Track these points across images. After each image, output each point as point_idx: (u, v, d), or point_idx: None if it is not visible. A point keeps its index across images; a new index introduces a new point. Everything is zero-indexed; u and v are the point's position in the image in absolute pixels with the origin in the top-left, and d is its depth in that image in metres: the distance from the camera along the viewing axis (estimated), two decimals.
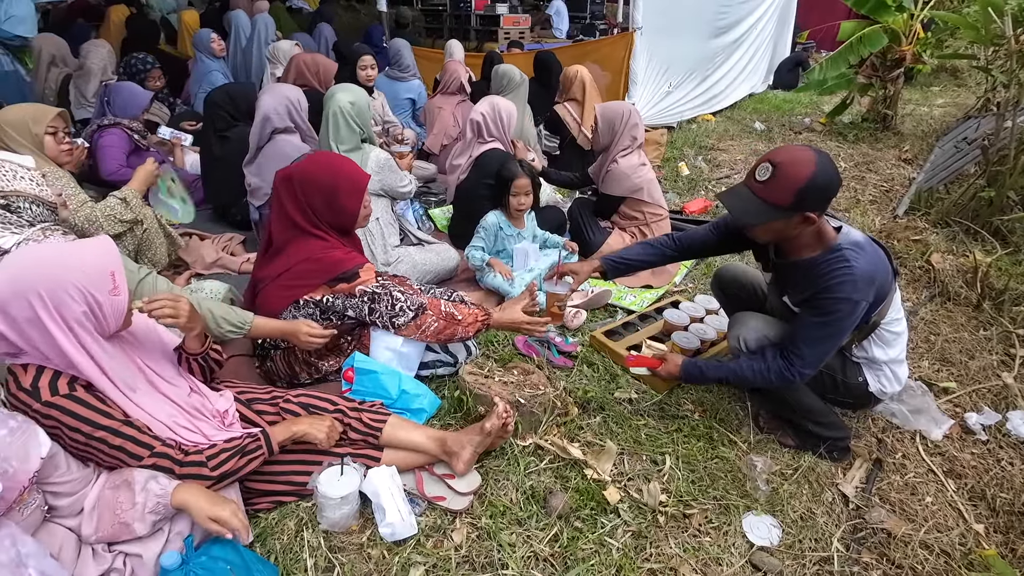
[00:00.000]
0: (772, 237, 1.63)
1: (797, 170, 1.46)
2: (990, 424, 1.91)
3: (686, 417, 1.95)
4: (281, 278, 1.81)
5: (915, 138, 5.44)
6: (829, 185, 1.49)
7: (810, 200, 1.48)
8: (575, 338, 2.42)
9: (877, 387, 1.74)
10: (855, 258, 1.51)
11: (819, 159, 1.47)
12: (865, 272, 1.51)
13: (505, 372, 1.97)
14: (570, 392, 2.02)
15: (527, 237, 2.73)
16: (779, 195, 1.49)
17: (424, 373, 2.01)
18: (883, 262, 1.58)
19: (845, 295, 1.51)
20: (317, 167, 1.84)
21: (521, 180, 2.54)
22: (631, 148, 2.98)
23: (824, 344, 1.59)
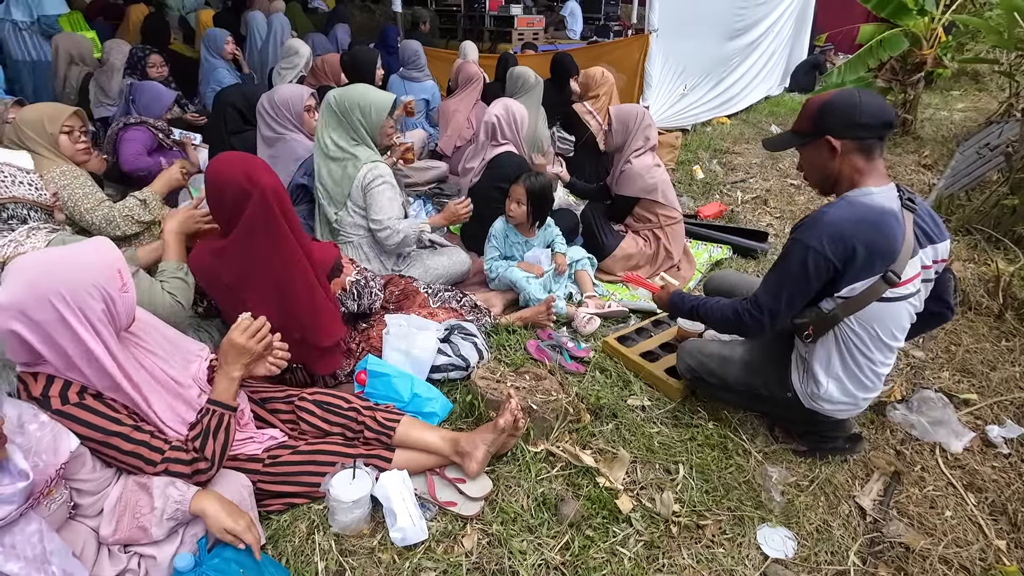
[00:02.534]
0: (813, 174, 1.62)
1: (815, 99, 1.54)
2: (1012, 437, 1.86)
3: (700, 426, 1.93)
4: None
5: (935, 143, 5.36)
6: (850, 107, 1.45)
7: (830, 123, 1.48)
8: (588, 343, 2.40)
9: (810, 404, 1.67)
10: (838, 207, 1.48)
11: (846, 89, 1.50)
12: (832, 222, 1.45)
13: (517, 377, 1.96)
14: (582, 398, 2.01)
15: (536, 244, 2.71)
16: (802, 122, 1.57)
17: (436, 376, 2.01)
18: (876, 234, 1.44)
19: (799, 236, 1.49)
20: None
21: (517, 187, 2.53)
22: (644, 149, 2.96)
23: (775, 287, 1.56)
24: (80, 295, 1.17)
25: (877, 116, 1.45)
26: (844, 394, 1.62)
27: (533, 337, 2.38)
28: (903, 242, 1.46)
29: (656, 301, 2.03)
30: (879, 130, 1.47)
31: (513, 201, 2.58)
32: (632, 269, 3.03)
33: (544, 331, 2.43)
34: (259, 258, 1.64)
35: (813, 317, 1.55)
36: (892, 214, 1.47)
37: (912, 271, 1.50)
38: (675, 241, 3.04)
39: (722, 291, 2.05)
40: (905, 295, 1.51)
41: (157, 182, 2.29)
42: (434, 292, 2.42)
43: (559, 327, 2.50)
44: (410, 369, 1.89)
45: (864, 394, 1.63)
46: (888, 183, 1.52)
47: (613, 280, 3.00)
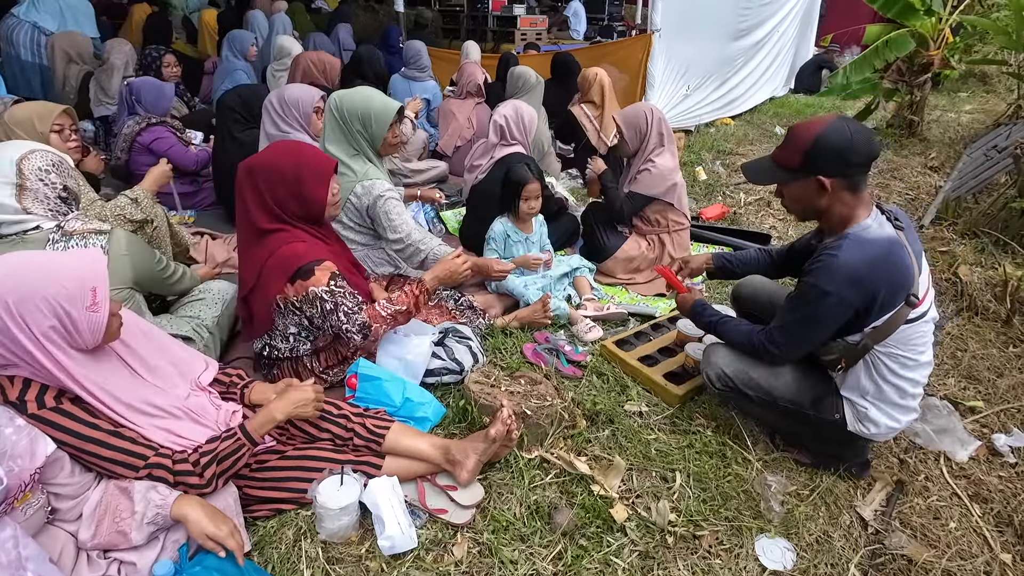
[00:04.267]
0: (797, 208, 1.58)
1: (806, 129, 1.47)
2: (1019, 446, 1.81)
3: (698, 432, 1.89)
4: (259, 281, 1.75)
5: (942, 145, 5.29)
6: (844, 146, 1.40)
7: (820, 162, 1.44)
8: (585, 347, 2.36)
9: (856, 427, 1.60)
10: (848, 248, 1.43)
11: (835, 121, 1.43)
12: (848, 265, 1.41)
13: (512, 381, 1.92)
14: (578, 403, 1.97)
15: (535, 242, 2.68)
16: (788, 156, 1.51)
17: (429, 381, 1.98)
18: (893, 270, 1.42)
19: (814, 281, 1.46)
20: (279, 155, 1.76)
21: (532, 184, 2.49)
22: (662, 146, 2.91)
23: (793, 328, 1.55)
24: (26, 306, 1.14)
25: (867, 153, 1.43)
26: (886, 416, 1.57)
27: (530, 340, 2.34)
28: (913, 266, 1.46)
29: (679, 302, 1.98)
30: (867, 166, 1.47)
31: (532, 198, 2.55)
32: (633, 272, 2.99)
33: (541, 334, 2.39)
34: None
35: (842, 350, 1.54)
36: (897, 243, 1.46)
37: (924, 286, 1.50)
38: (680, 247, 2.99)
39: (754, 299, 2.02)
40: (924, 312, 1.49)
41: (147, 180, 2.27)
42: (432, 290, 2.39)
43: (556, 330, 2.46)
44: (403, 373, 1.86)
45: (906, 416, 1.59)
46: (873, 209, 1.51)
47: (612, 283, 2.96)
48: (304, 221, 1.81)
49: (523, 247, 2.67)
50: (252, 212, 1.76)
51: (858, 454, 1.73)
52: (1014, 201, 3.26)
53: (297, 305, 1.75)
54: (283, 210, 1.76)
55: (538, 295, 2.47)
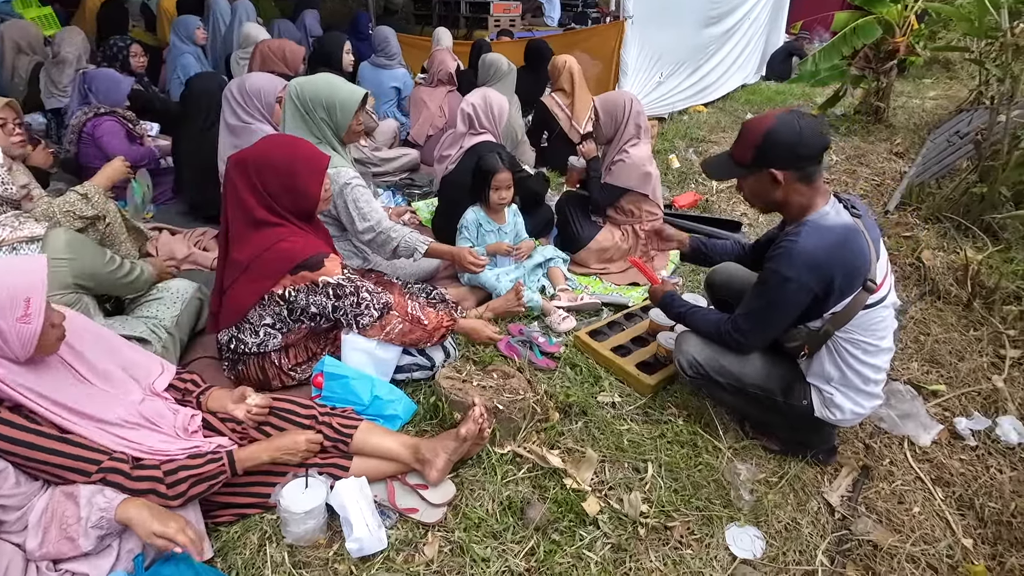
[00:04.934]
0: (756, 201, 1.63)
1: (756, 125, 1.51)
2: (979, 429, 1.86)
3: (670, 422, 1.90)
4: (246, 273, 1.72)
5: (907, 131, 5.40)
6: (792, 140, 1.45)
7: (771, 156, 1.48)
8: (559, 338, 2.35)
9: (823, 413, 1.63)
10: (807, 235, 1.47)
11: (784, 115, 1.48)
12: (806, 251, 1.44)
13: (484, 376, 1.90)
14: (551, 396, 1.96)
15: (508, 232, 2.65)
16: (741, 151, 1.55)
17: (400, 377, 1.94)
18: (850, 255, 1.46)
19: (775, 267, 1.49)
20: (273, 149, 1.73)
21: (502, 174, 2.45)
22: (638, 138, 2.89)
23: (756, 314, 1.58)
24: None
25: (817, 145, 1.47)
26: (851, 402, 1.60)
27: (504, 333, 2.32)
28: (870, 252, 1.50)
29: (651, 293, 2.00)
30: (818, 157, 1.50)
31: (502, 188, 2.51)
32: (607, 262, 2.98)
33: (515, 326, 2.37)
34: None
35: (805, 337, 1.57)
36: (853, 230, 1.50)
37: (882, 272, 1.52)
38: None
39: (728, 287, 2.03)
40: (883, 297, 1.52)
41: (100, 175, 2.17)
42: (403, 284, 2.35)
43: (530, 321, 2.44)
44: (373, 370, 1.82)
45: (870, 402, 1.61)
46: (831, 198, 1.55)
47: (586, 273, 2.95)
48: (295, 215, 1.78)
49: (496, 237, 2.64)
50: (247, 201, 1.72)
51: (825, 440, 1.76)
52: (975, 186, 3.34)
53: (288, 297, 1.72)
54: (276, 202, 1.74)
55: (510, 286, 2.45)
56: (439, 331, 1.88)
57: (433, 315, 1.88)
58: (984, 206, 3.30)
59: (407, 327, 1.82)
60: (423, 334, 1.85)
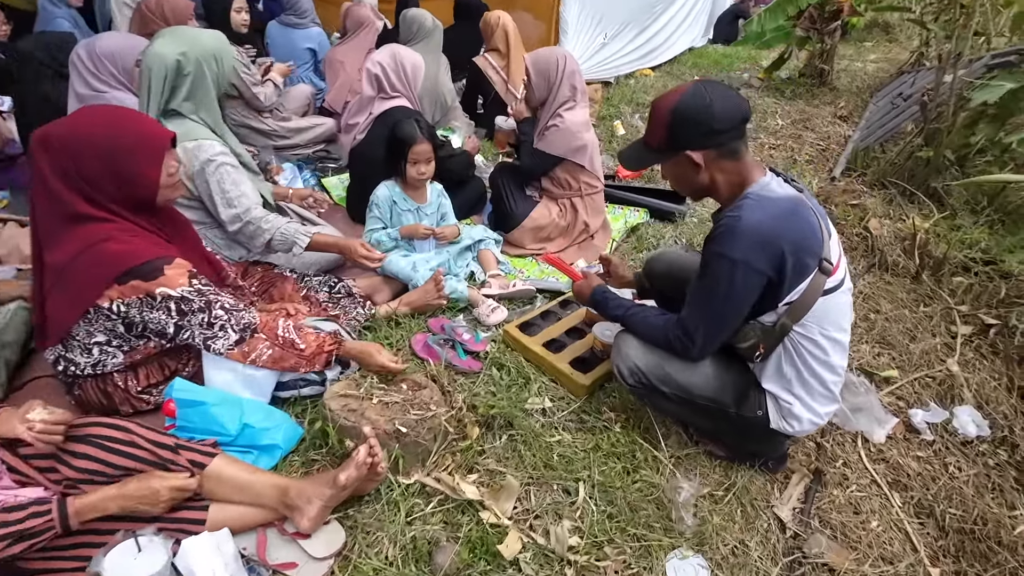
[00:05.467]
0: (682, 187, 1.43)
1: (662, 104, 1.31)
2: (936, 422, 1.72)
3: (606, 430, 1.67)
4: (62, 281, 1.34)
5: (850, 94, 5.33)
6: (703, 115, 1.25)
7: (683, 136, 1.29)
8: (487, 333, 2.07)
9: (779, 424, 1.42)
10: (750, 208, 1.24)
11: (691, 88, 1.28)
12: (752, 226, 1.21)
13: (388, 389, 1.60)
14: (472, 407, 1.68)
15: (431, 214, 2.32)
16: (653, 135, 1.35)
17: (284, 395, 1.62)
18: (800, 229, 1.24)
19: (719, 249, 1.24)
20: (89, 122, 1.34)
21: (420, 145, 2.11)
22: (574, 100, 2.58)
23: (703, 310, 1.33)
24: None
25: (733, 116, 1.27)
26: (809, 411, 1.39)
27: (423, 330, 2.02)
28: (821, 228, 1.28)
29: (575, 293, 1.74)
30: (738, 128, 1.29)
31: (421, 162, 2.16)
32: (544, 241, 2.70)
33: (437, 320, 2.07)
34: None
35: (759, 335, 1.33)
36: (801, 201, 1.29)
37: (836, 252, 1.31)
38: (594, 212, 2.73)
39: (669, 277, 1.77)
40: (841, 280, 1.31)
41: None
42: (299, 277, 2.00)
43: (455, 314, 2.15)
44: (244, 390, 1.49)
45: (827, 408, 1.41)
46: (767, 172, 1.34)
47: (522, 254, 2.67)
48: (127, 207, 1.39)
49: (414, 218, 2.30)
50: (58, 191, 1.32)
51: (776, 448, 1.57)
52: (920, 150, 3.23)
53: (118, 311, 1.35)
54: (97, 192, 1.34)
55: (430, 275, 2.13)
56: (320, 356, 1.57)
57: (312, 338, 1.56)
58: (929, 171, 3.20)
59: (278, 352, 1.50)
60: (299, 361, 1.54)
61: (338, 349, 1.60)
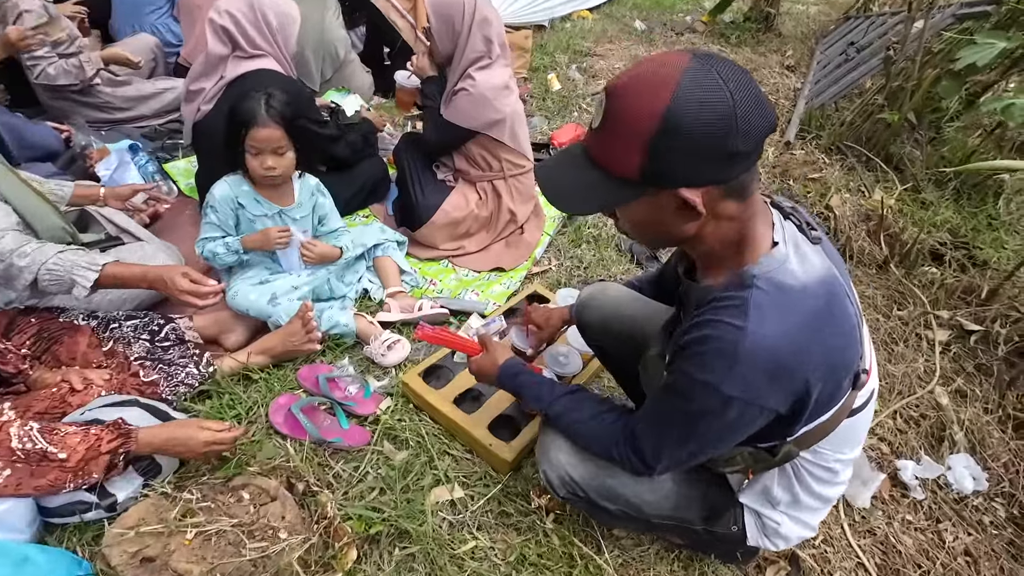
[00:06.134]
0: (643, 235, 0.84)
1: (637, 102, 0.69)
2: (928, 478, 1.43)
3: (534, 529, 1.26)
4: None
5: (796, 41, 4.98)
6: (712, 127, 0.67)
7: (677, 164, 0.70)
8: (382, 382, 1.58)
9: (760, 542, 1.06)
10: (760, 312, 0.74)
11: (694, 70, 0.67)
12: (764, 349, 0.73)
13: (215, 506, 1.11)
14: (349, 516, 1.22)
15: (299, 219, 1.73)
16: (617, 152, 0.72)
17: (57, 522, 1.10)
18: (835, 342, 0.77)
19: (704, 377, 0.76)
20: None
21: (262, 130, 1.51)
22: (489, 57, 2.01)
23: (667, 435, 0.87)
24: None
25: (760, 127, 0.69)
26: (800, 526, 1.02)
27: (288, 388, 1.51)
28: (856, 315, 0.82)
29: (474, 374, 1.23)
30: (760, 148, 0.73)
31: (263, 154, 1.54)
32: (462, 238, 2.20)
33: (309, 369, 1.56)
34: None
35: (750, 462, 0.92)
36: (835, 285, 0.78)
37: (868, 348, 0.89)
38: (521, 198, 2.22)
39: (606, 330, 1.28)
40: (872, 390, 0.91)
41: None
42: (100, 324, 1.42)
43: (339, 356, 1.64)
44: None
45: (820, 516, 1.04)
46: (773, 216, 0.82)
47: (436, 257, 2.16)
48: None
49: (277, 223, 1.68)
50: None
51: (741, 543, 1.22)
52: (881, 111, 2.91)
53: None
54: None
55: (293, 308, 1.59)
56: (95, 463, 1.04)
57: (77, 439, 1.03)
58: (890, 134, 2.89)
59: (20, 472, 0.97)
60: (60, 476, 1.01)
61: (126, 445, 1.07)
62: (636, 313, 1.23)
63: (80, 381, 1.25)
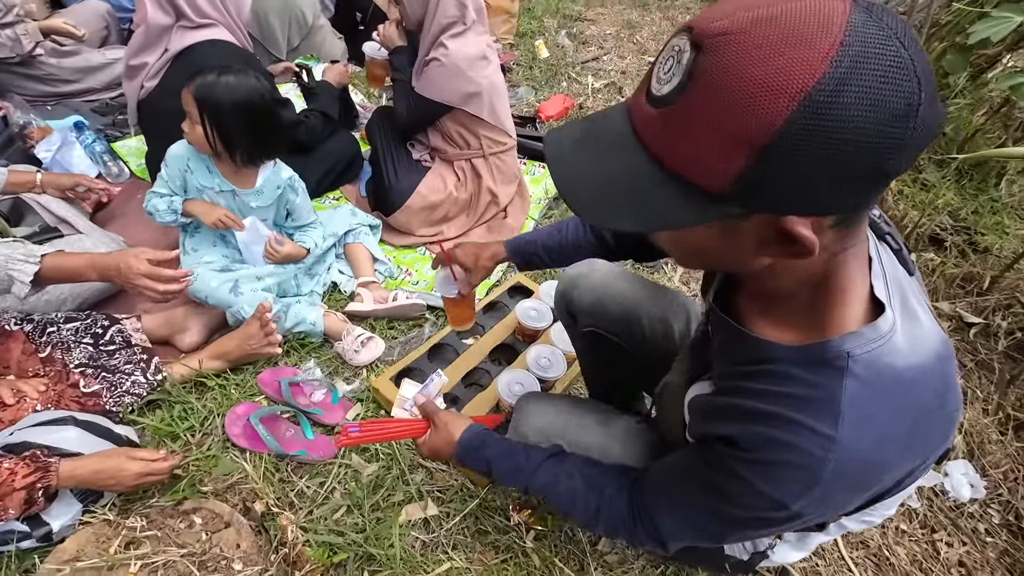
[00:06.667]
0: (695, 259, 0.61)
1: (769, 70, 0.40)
2: (925, 486, 1.37)
3: (512, 546, 1.18)
4: None
5: None
6: (879, 124, 0.40)
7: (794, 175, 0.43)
8: (351, 386, 1.48)
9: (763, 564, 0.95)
10: (854, 414, 0.52)
11: (851, 29, 0.40)
12: (852, 463, 0.53)
13: (166, 528, 1.02)
14: (310, 540, 1.13)
15: (256, 207, 1.56)
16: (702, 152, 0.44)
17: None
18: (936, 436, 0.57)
19: (768, 490, 0.57)
20: None
21: (184, 93, 1.36)
22: (463, 23, 1.84)
23: (696, 532, 0.71)
24: None
25: (935, 128, 0.43)
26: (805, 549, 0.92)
27: (248, 395, 1.40)
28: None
29: (429, 457, 1.08)
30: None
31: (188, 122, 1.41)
32: (440, 223, 2.06)
33: (270, 373, 1.44)
34: None
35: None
36: (948, 356, 0.57)
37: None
38: (503, 178, 2.08)
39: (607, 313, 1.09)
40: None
41: None
42: (36, 328, 1.29)
43: (304, 358, 1.53)
44: None
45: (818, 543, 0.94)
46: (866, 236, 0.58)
47: (411, 244, 2.03)
48: None
49: (230, 204, 1.53)
50: None
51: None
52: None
53: None
54: None
55: (255, 299, 1.45)
56: (11, 499, 0.92)
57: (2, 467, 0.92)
58: None
59: None
60: None
61: (44, 480, 0.96)
62: (627, 290, 1.08)
63: (11, 395, 1.13)
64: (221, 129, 1.39)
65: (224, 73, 1.38)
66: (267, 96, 1.44)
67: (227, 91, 1.36)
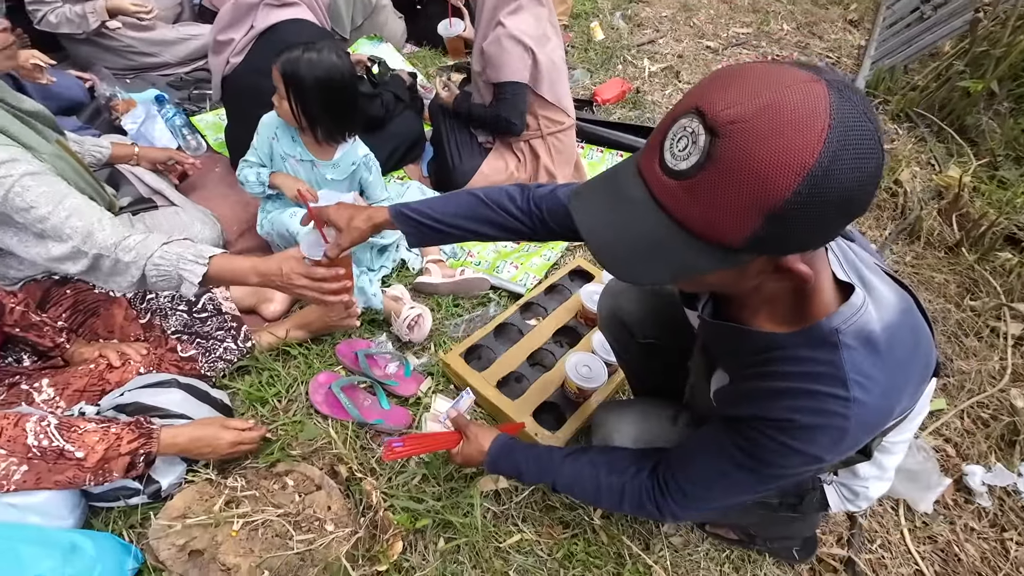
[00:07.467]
0: (694, 287, 0.82)
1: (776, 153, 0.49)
2: (997, 485, 1.35)
3: (581, 522, 1.23)
4: None
5: None
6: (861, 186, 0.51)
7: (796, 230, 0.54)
8: (420, 361, 1.53)
9: (843, 507, 0.98)
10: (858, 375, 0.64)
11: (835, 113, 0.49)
12: (870, 414, 0.66)
13: (262, 489, 1.09)
14: (393, 505, 1.19)
15: (331, 180, 1.62)
16: (720, 220, 0.54)
17: (101, 506, 1.09)
18: (919, 364, 0.71)
19: (804, 448, 0.67)
20: None
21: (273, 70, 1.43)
22: (517, 1, 1.86)
23: (726, 492, 0.79)
24: None
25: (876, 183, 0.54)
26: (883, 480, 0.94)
27: (329, 365, 1.46)
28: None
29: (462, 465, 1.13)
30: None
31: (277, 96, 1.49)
32: None
33: (347, 345, 1.51)
34: None
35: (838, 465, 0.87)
36: (909, 308, 0.71)
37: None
38: (561, 159, 2.10)
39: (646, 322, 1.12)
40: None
41: None
42: (140, 294, 1.38)
43: (376, 332, 1.59)
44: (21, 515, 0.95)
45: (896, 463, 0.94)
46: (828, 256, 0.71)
47: None
48: None
49: (308, 175, 1.61)
50: None
51: (810, 527, 1.17)
52: (960, 77, 2.65)
53: None
54: None
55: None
56: (114, 464, 1.00)
57: (95, 437, 0.99)
58: (968, 104, 2.65)
59: (36, 470, 0.94)
60: (78, 475, 0.98)
61: (146, 447, 1.03)
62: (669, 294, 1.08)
63: (118, 357, 1.21)
64: (304, 103, 1.44)
65: (308, 50, 1.42)
66: (347, 73, 1.48)
67: (309, 67, 1.41)
